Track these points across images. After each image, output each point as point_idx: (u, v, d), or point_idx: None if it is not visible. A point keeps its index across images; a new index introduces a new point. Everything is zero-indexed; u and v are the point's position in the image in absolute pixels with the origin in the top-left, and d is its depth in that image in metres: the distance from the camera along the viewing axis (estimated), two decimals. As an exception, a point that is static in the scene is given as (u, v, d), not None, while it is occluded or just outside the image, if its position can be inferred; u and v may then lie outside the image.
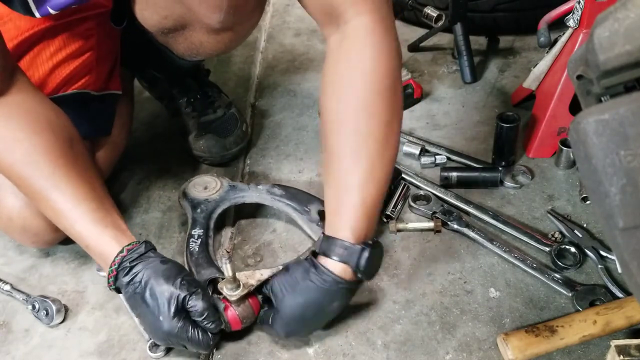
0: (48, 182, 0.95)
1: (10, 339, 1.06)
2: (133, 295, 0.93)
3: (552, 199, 1.21)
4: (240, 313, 0.96)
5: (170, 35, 1.05)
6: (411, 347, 0.98)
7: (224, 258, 0.91)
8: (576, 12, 1.19)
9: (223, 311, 0.95)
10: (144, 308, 0.92)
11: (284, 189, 1.21)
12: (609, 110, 0.63)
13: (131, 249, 0.94)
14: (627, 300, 0.95)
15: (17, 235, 1.13)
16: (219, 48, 1.07)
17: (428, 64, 1.68)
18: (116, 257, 0.93)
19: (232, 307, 0.96)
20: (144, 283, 0.92)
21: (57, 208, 0.96)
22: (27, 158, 0.95)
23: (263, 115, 1.56)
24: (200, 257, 1.08)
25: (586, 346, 0.94)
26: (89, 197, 0.97)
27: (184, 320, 0.92)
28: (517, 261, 1.08)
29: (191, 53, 1.10)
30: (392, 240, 1.16)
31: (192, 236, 1.13)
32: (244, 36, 1.06)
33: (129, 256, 0.93)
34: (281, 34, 1.92)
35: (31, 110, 0.98)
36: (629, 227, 0.64)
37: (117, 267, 0.93)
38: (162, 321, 0.91)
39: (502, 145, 1.25)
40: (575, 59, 0.71)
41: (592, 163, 0.64)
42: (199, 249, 1.10)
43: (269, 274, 0.98)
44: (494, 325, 0.99)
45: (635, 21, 0.61)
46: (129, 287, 0.93)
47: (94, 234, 0.96)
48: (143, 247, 0.95)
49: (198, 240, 1.12)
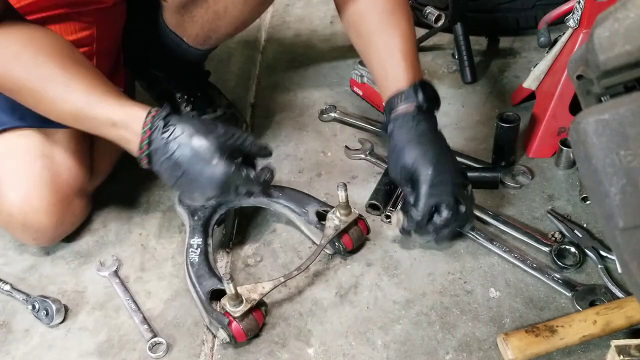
0: (60, 81, 0.96)
1: (10, 339, 1.06)
2: (175, 153, 0.92)
3: (552, 199, 1.21)
4: (244, 327, 0.97)
5: (190, 9, 1.05)
6: (411, 347, 0.98)
7: (225, 279, 0.93)
8: (576, 12, 1.19)
9: (227, 325, 0.96)
10: (192, 161, 0.92)
11: (280, 190, 1.20)
12: (609, 110, 0.63)
13: (158, 111, 0.94)
14: (627, 300, 0.95)
15: (18, 232, 1.13)
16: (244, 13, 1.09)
17: (428, 64, 1.68)
18: (146, 117, 0.92)
19: (235, 322, 0.96)
20: (188, 134, 0.92)
21: (73, 102, 0.96)
22: (34, 62, 0.95)
23: (263, 115, 1.56)
24: (201, 268, 1.07)
25: (586, 346, 0.94)
26: (104, 85, 0.98)
27: (234, 162, 0.95)
28: (517, 261, 1.08)
29: (208, 30, 1.11)
30: (392, 240, 1.16)
31: (191, 246, 1.11)
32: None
33: (160, 114, 0.93)
34: (281, 34, 1.92)
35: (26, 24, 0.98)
36: (629, 227, 0.64)
37: (150, 127, 0.92)
38: (216, 165, 0.92)
39: (502, 145, 1.25)
40: (575, 59, 0.71)
41: (592, 163, 0.64)
42: (199, 259, 1.09)
43: (271, 286, 1.00)
44: (494, 325, 0.99)
45: (635, 21, 0.61)
46: (170, 144, 0.92)
47: (118, 110, 0.95)
48: (168, 107, 0.96)
49: (197, 250, 1.10)
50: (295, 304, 1.07)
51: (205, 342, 1.02)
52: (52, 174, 1.10)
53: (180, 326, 1.05)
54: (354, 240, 1.11)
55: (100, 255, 1.20)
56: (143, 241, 1.23)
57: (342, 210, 1.09)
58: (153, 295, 1.11)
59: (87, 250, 1.22)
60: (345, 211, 1.09)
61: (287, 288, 1.10)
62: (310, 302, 1.07)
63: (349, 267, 1.13)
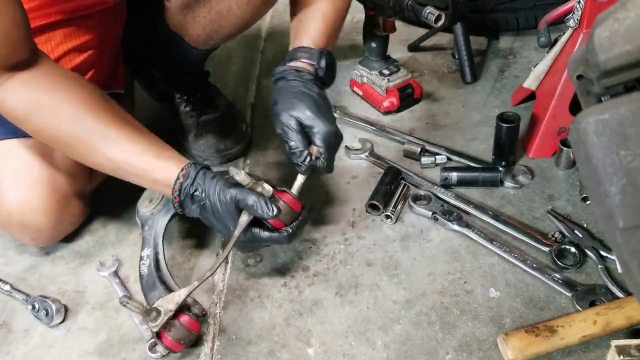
0: (100, 135, 0.98)
1: (10, 339, 1.06)
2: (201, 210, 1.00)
3: (552, 199, 1.21)
4: (173, 336, 0.96)
5: (193, 9, 1.06)
6: (411, 347, 0.98)
7: (121, 302, 0.92)
8: (576, 12, 1.19)
9: (158, 339, 0.96)
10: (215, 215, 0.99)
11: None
12: (609, 110, 0.63)
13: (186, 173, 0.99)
14: (627, 300, 0.95)
15: (17, 232, 1.13)
16: (247, 14, 1.10)
17: (428, 64, 1.68)
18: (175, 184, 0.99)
19: (165, 333, 0.95)
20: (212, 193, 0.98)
21: (113, 157, 0.99)
22: (73, 116, 0.97)
23: (263, 115, 1.56)
24: (150, 280, 1.08)
25: (586, 346, 0.94)
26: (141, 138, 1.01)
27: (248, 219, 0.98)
28: (517, 261, 1.08)
29: (210, 30, 1.12)
30: (392, 240, 1.16)
31: (141, 258, 1.12)
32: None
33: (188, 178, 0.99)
34: (281, 34, 1.92)
35: (61, 74, 0.99)
36: (629, 227, 0.64)
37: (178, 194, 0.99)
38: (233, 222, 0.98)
39: (502, 145, 1.25)
40: (575, 59, 0.71)
41: (592, 163, 0.64)
42: (148, 271, 1.10)
43: (186, 293, 0.97)
44: (494, 325, 0.99)
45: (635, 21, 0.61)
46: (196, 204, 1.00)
47: (158, 167, 1.00)
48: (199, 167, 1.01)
49: (147, 260, 1.11)
50: (295, 304, 1.07)
51: (205, 342, 1.02)
52: (51, 174, 1.10)
53: (180, 326, 1.05)
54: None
55: (100, 255, 1.20)
56: (143, 241, 1.22)
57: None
58: (153, 295, 1.11)
59: (87, 250, 1.22)
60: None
61: (287, 288, 1.10)
62: (310, 302, 1.07)
63: (349, 267, 1.13)
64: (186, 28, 1.22)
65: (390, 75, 1.50)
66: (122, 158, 0.99)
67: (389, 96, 1.50)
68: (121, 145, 0.99)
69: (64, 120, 0.97)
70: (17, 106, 0.95)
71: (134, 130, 1.01)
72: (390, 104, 1.50)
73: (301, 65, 1.08)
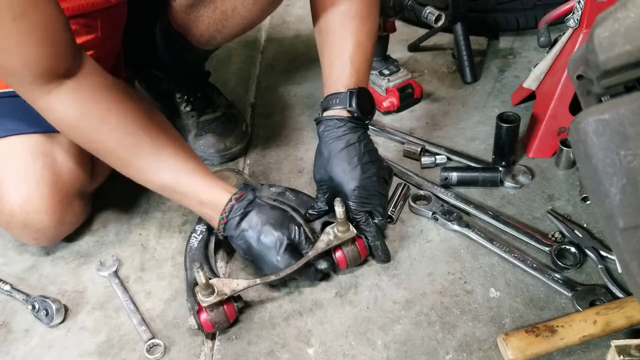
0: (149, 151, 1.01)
1: (10, 339, 1.06)
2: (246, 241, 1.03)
3: (552, 199, 1.21)
4: (212, 318, 0.98)
5: (198, 8, 1.06)
6: (411, 347, 0.98)
7: (195, 267, 0.94)
8: (576, 12, 1.19)
9: (196, 313, 0.98)
10: (260, 248, 1.03)
11: (295, 194, 1.19)
12: (609, 110, 0.63)
13: (239, 197, 1.04)
14: (627, 300, 0.95)
15: (19, 231, 1.12)
16: (253, 14, 1.11)
17: (428, 64, 1.68)
18: (226, 205, 1.03)
19: (205, 311, 0.97)
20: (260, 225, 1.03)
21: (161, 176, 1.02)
22: (122, 127, 0.99)
23: (263, 115, 1.56)
24: (197, 254, 1.10)
25: (586, 346, 0.94)
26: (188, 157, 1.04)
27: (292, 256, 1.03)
28: (517, 261, 1.08)
29: (214, 30, 1.12)
30: (392, 240, 1.16)
31: (194, 231, 1.15)
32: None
33: (240, 203, 1.03)
34: (281, 34, 1.92)
35: (109, 83, 1.00)
36: (629, 227, 0.64)
37: (227, 215, 1.03)
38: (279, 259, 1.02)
39: (502, 145, 1.25)
40: (575, 59, 0.71)
41: (592, 163, 0.64)
42: (197, 245, 1.12)
43: (245, 285, 1.00)
44: (494, 325, 0.99)
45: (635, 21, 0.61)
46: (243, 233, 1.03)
47: (205, 188, 1.04)
48: (250, 194, 1.05)
49: (200, 236, 1.13)
50: (295, 304, 1.07)
51: (205, 342, 1.02)
52: (53, 173, 1.10)
53: (180, 326, 1.05)
54: (349, 259, 1.07)
55: (100, 256, 1.20)
56: (143, 241, 1.23)
57: (340, 227, 1.05)
58: (153, 295, 1.11)
59: (87, 250, 1.22)
60: (342, 228, 1.05)
61: (287, 288, 1.10)
62: (310, 302, 1.07)
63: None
64: (190, 27, 1.21)
65: (390, 75, 1.50)
66: (171, 178, 1.02)
67: (389, 96, 1.50)
68: (172, 165, 1.02)
69: (113, 129, 0.98)
70: (66, 114, 0.95)
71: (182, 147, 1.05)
72: (390, 104, 1.50)
73: (335, 113, 1.11)
